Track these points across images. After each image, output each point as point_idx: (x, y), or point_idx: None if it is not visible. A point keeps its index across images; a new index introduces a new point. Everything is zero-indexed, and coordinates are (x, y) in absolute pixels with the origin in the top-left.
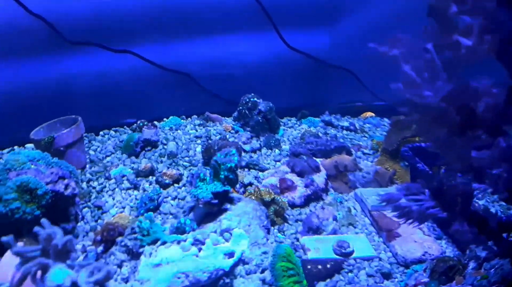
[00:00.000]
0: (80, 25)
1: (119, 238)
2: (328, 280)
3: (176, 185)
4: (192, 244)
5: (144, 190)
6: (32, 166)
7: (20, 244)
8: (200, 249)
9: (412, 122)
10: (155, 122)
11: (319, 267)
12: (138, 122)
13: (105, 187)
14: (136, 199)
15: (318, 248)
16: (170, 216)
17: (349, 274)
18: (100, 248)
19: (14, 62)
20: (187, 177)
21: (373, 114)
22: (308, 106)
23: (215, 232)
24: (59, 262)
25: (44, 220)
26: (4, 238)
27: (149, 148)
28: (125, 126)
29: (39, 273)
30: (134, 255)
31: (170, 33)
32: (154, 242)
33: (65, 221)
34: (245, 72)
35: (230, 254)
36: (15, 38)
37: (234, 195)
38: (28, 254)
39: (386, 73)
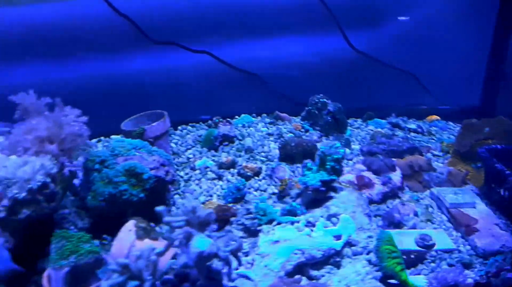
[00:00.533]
0: (163, 26)
1: (233, 218)
2: (412, 268)
3: (256, 177)
4: (305, 226)
5: (228, 181)
6: (136, 153)
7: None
8: (311, 231)
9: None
10: (228, 119)
11: (404, 257)
12: (214, 118)
13: (191, 177)
14: (222, 189)
15: (401, 240)
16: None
17: (432, 264)
18: (214, 226)
19: (100, 58)
20: (265, 171)
21: (438, 117)
22: (371, 108)
23: (322, 216)
24: (200, 232)
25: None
26: (158, 208)
27: (226, 143)
28: (200, 122)
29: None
30: (251, 233)
31: (242, 34)
32: (270, 221)
33: (162, 205)
34: (308, 73)
35: (338, 237)
36: (103, 36)
37: (336, 185)
38: (175, 223)
39: (448, 77)
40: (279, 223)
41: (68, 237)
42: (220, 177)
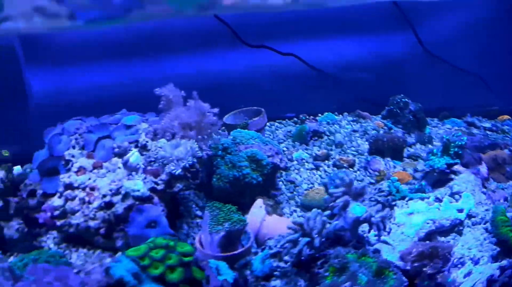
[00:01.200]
0: (256, 31)
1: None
2: None
3: (351, 169)
4: (434, 201)
5: (325, 171)
6: (254, 142)
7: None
8: (439, 205)
9: None
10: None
11: None
12: (300, 116)
13: (290, 167)
14: (321, 178)
15: None
16: None
17: None
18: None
19: (195, 57)
20: (358, 163)
21: (509, 117)
22: (445, 108)
23: (446, 194)
24: (355, 201)
25: None
26: (322, 180)
27: (316, 138)
28: (286, 119)
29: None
30: (385, 207)
31: (324, 37)
32: (402, 198)
33: (273, 189)
34: (382, 72)
35: (460, 210)
36: (201, 37)
37: (455, 168)
38: (336, 194)
39: None
40: (410, 199)
41: (220, 207)
42: (317, 168)
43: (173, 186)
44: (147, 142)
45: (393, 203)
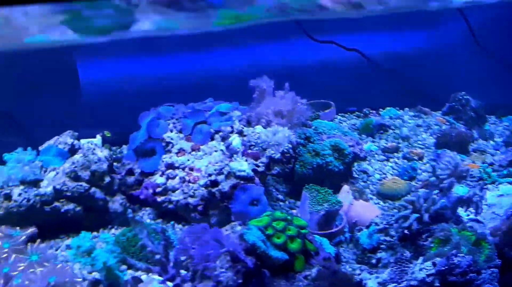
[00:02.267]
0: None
1: None
2: None
3: (420, 161)
4: None
5: (395, 163)
6: (334, 133)
7: None
8: None
9: None
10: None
11: None
12: (364, 110)
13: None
14: (393, 169)
15: None
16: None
17: None
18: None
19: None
20: (426, 156)
21: None
22: (502, 105)
23: None
24: (458, 184)
25: None
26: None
27: (382, 131)
28: (348, 113)
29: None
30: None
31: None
32: (493, 182)
33: (351, 177)
34: (440, 68)
35: None
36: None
37: None
38: (441, 176)
39: None
40: (499, 183)
41: (318, 189)
42: (388, 159)
43: (272, 169)
44: (242, 128)
45: (485, 187)
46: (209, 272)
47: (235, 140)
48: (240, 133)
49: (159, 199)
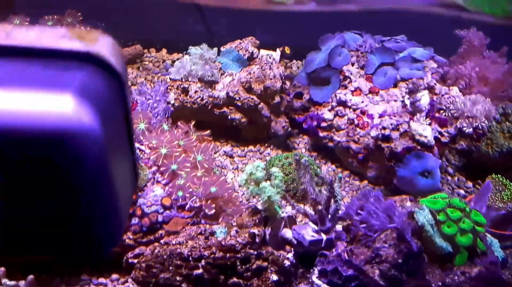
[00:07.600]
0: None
1: None
2: None
3: None
4: None
5: None
6: None
7: None
8: None
9: None
10: None
11: None
12: None
13: None
14: None
15: None
16: None
17: None
18: None
19: None
20: None
21: None
22: None
23: None
24: None
25: None
26: None
27: None
28: None
29: None
30: None
31: None
32: None
33: None
34: None
35: None
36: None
37: None
38: None
39: None
40: None
41: (506, 184)
42: None
43: (457, 143)
44: (435, 84)
45: None
46: (370, 242)
47: (425, 96)
48: (431, 89)
49: (321, 134)
